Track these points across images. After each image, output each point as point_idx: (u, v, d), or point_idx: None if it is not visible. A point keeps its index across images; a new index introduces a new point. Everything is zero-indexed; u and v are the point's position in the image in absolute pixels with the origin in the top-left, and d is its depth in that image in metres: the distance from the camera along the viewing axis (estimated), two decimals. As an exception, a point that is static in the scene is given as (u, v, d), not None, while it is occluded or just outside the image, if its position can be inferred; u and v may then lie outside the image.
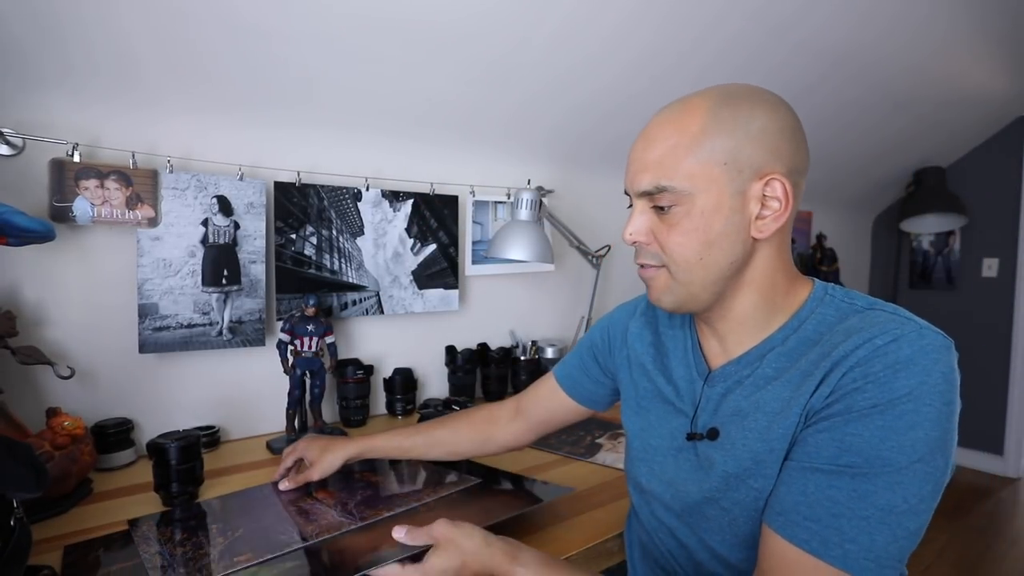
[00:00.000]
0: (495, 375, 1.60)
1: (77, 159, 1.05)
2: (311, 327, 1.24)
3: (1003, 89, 2.49)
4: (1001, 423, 2.99)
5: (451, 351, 1.57)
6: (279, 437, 1.23)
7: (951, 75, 2.16)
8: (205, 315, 1.19)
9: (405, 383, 1.44)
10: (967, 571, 2.13)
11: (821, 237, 3.03)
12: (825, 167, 2.56)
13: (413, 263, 1.50)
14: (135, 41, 1.02)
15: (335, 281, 1.37)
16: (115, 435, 1.07)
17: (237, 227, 1.22)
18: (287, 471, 0.93)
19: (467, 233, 1.62)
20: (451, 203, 1.55)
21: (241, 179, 1.22)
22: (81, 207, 1.05)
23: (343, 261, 1.38)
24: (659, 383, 0.70)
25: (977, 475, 3.01)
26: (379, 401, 1.48)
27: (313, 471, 0.90)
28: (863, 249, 3.52)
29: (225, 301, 1.21)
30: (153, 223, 1.13)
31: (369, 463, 1.00)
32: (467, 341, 1.64)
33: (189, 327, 1.17)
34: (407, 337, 1.54)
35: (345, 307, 1.39)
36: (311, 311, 1.25)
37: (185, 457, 0.90)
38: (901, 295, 3.37)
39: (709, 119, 0.56)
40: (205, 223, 1.18)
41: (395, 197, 1.45)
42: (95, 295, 1.11)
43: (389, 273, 1.46)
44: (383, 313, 1.45)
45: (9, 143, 1.01)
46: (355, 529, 0.77)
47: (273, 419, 1.28)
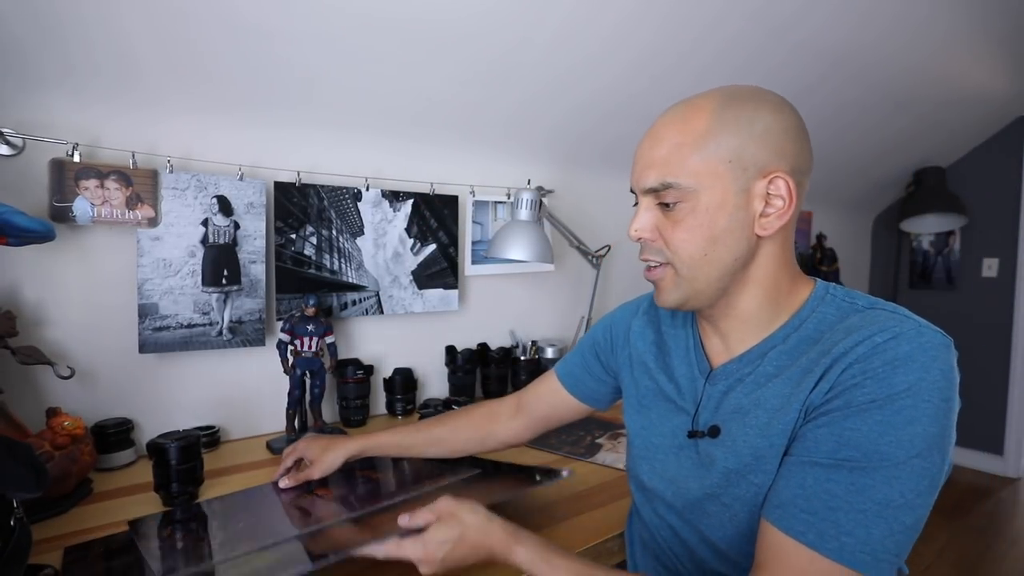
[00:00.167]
0: (495, 375, 1.60)
1: (77, 159, 1.05)
2: (311, 327, 1.24)
3: (1003, 89, 2.49)
4: (1001, 423, 2.99)
5: (451, 351, 1.57)
6: (279, 437, 1.23)
7: (951, 75, 2.16)
8: (205, 315, 1.19)
9: (405, 383, 1.44)
10: (967, 571, 2.13)
11: (821, 237, 3.03)
12: (825, 167, 2.56)
13: (413, 263, 1.50)
14: (135, 41, 1.02)
15: (335, 281, 1.37)
16: (115, 435, 1.07)
17: (237, 227, 1.22)
18: (287, 471, 0.93)
19: (467, 233, 1.62)
20: (451, 203, 1.55)
21: (241, 179, 1.22)
22: (81, 207, 1.05)
23: (343, 261, 1.38)
24: (661, 381, 0.71)
25: (977, 475, 3.01)
26: (379, 401, 1.48)
27: (314, 469, 0.90)
28: (863, 249, 3.52)
29: (225, 301, 1.21)
30: (153, 223, 1.13)
31: (369, 461, 1.00)
32: (467, 341, 1.64)
33: (189, 327, 1.17)
34: (407, 337, 1.54)
35: (345, 307, 1.39)
36: (311, 311, 1.25)
37: (185, 457, 0.90)
38: (901, 295, 3.37)
39: (714, 118, 0.57)
40: (205, 223, 1.18)
41: (395, 197, 1.45)
42: (95, 295, 1.11)
43: (389, 273, 1.46)
44: (383, 313, 1.45)
45: (9, 143, 1.01)
46: (355, 516, 0.78)
47: (273, 419, 1.28)
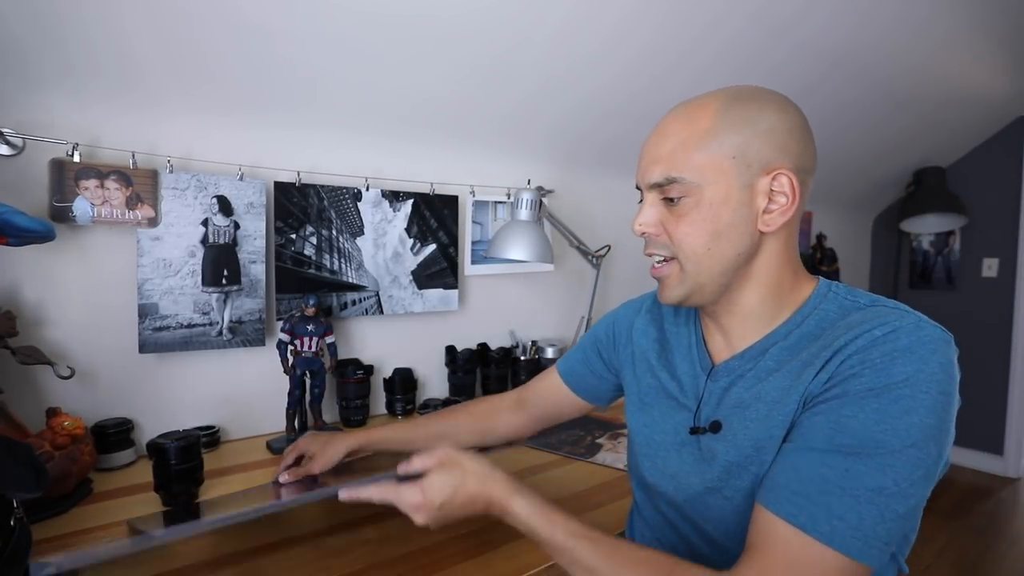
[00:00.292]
0: (495, 375, 1.60)
1: (77, 159, 1.05)
2: (311, 327, 1.24)
3: (1003, 89, 2.49)
4: (1001, 423, 2.99)
5: (451, 351, 1.57)
6: (279, 437, 1.23)
7: (951, 75, 2.16)
8: (205, 315, 1.19)
9: (405, 383, 1.44)
10: (967, 571, 2.13)
11: (821, 237, 3.03)
12: (825, 167, 2.55)
13: (413, 263, 1.50)
14: (136, 41, 1.02)
15: (335, 281, 1.37)
16: (115, 435, 1.07)
17: (237, 227, 1.22)
18: (288, 468, 0.93)
19: (467, 233, 1.62)
20: (451, 203, 1.55)
21: (241, 179, 1.22)
22: (81, 207, 1.05)
23: (343, 261, 1.38)
24: (663, 379, 0.71)
25: (977, 475, 3.01)
26: (379, 401, 1.48)
27: (314, 464, 0.90)
28: (863, 249, 3.52)
29: (225, 301, 1.21)
30: (153, 223, 1.13)
31: (369, 458, 1.00)
32: (467, 341, 1.64)
33: (189, 327, 1.17)
34: (407, 337, 1.54)
35: (345, 307, 1.39)
36: (311, 311, 1.25)
37: (185, 457, 0.90)
38: (901, 295, 3.37)
39: (719, 116, 0.58)
40: (205, 223, 1.18)
41: (395, 197, 1.45)
42: (95, 295, 1.11)
43: (389, 273, 1.46)
44: (383, 313, 1.45)
45: (9, 143, 1.01)
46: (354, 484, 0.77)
47: (273, 419, 1.29)
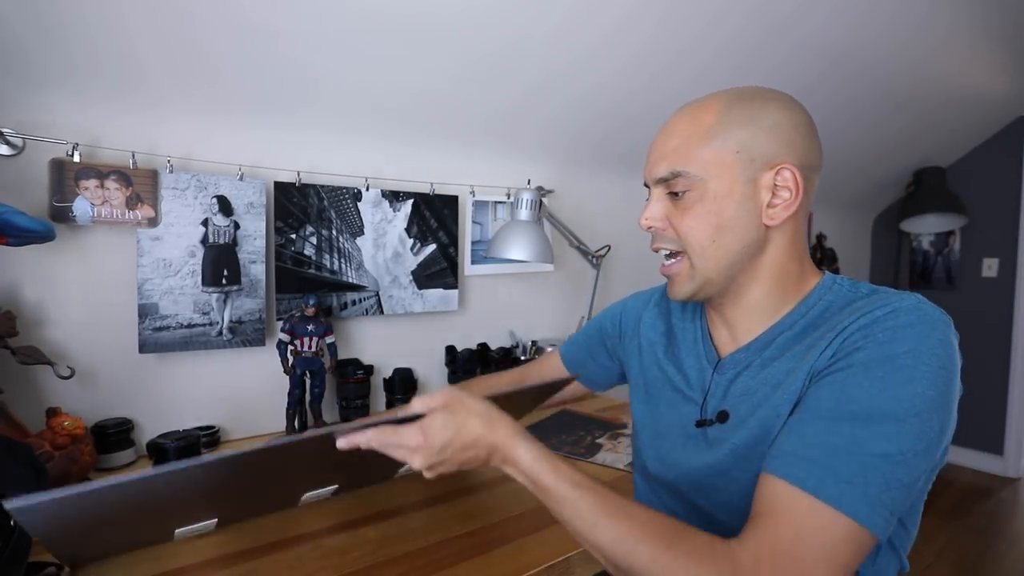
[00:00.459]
0: (495, 375, 1.60)
1: (77, 159, 1.05)
2: (311, 327, 1.24)
3: (1003, 89, 2.49)
4: (1001, 423, 2.99)
5: (451, 351, 1.57)
6: (279, 437, 1.23)
7: (951, 74, 2.16)
8: (205, 315, 1.19)
9: (405, 383, 1.44)
10: (967, 571, 2.13)
11: (821, 237, 3.03)
12: (825, 167, 2.53)
13: (413, 263, 1.50)
14: (137, 41, 1.02)
15: (335, 281, 1.37)
16: (115, 435, 1.07)
17: (237, 227, 1.22)
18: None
19: (467, 233, 1.62)
20: (451, 203, 1.55)
21: (241, 179, 1.22)
22: (81, 207, 1.05)
23: (343, 261, 1.38)
24: (669, 372, 0.72)
25: (977, 475, 3.01)
26: (379, 401, 1.48)
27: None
28: (863, 249, 3.52)
29: (225, 301, 1.21)
30: (153, 223, 1.13)
31: None
32: (467, 341, 1.64)
33: (189, 327, 1.17)
34: (407, 337, 1.54)
35: (345, 307, 1.39)
36: (311, 311, 1.25)
37: (185, 457, 0.90)
38: (901, 295, 3.37)
39: (724, 113, 0.60)
40: (205, 223, 1.18)
41: (395, 197, 1.45)
42: (95, 295, 1.11)
43: (389, 273, 1.46)
44: (383, 313, 1.45)
45: (9, 143, 1.01)
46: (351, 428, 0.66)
47: (273, 419, 1.28)
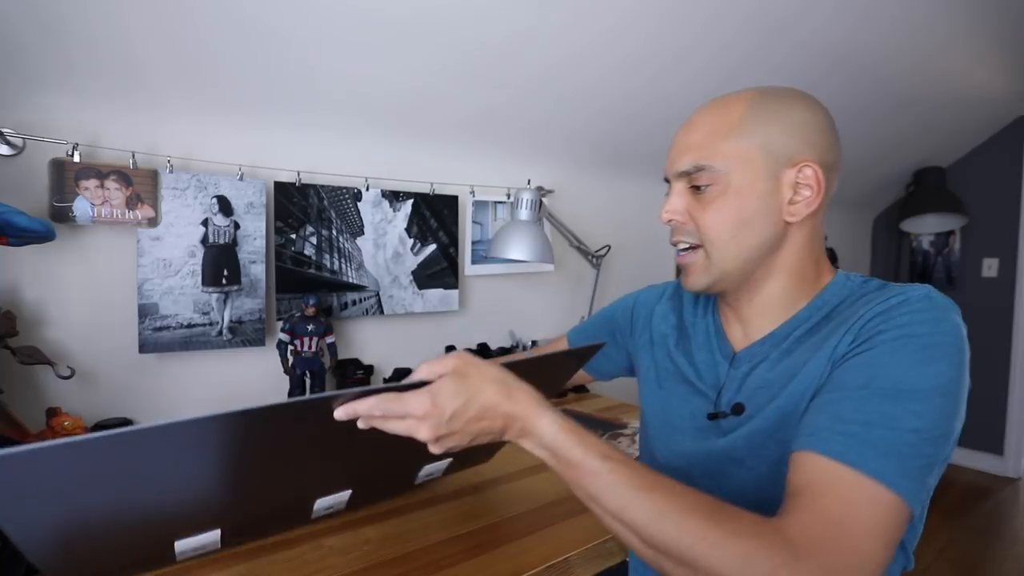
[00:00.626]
0: (495, 375, 1.60)
1: (77, 159, 1.05)
2: (311, 327, 1.24)
3: (1003, 89, 2.48)
4: (1001, 423, 2.99)
5: (451, 351, 1.57)
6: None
7: (951, 75, 2.16)
8: (205, 315, 1.19)
9: (405, 383, 1.44)
10: (967, 571, 2.13)
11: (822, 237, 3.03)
12: (825, 167, 2.56)
13: (413, 263, 1.50)
14: (137, 42, 1.02)
15: (335, 281, 1.37)
16: (115, 435, 1.07)
17: (237, 227, 1.22)
18: None
19: (467, 233, 1.62)
20: (451, 203, 1.55)
21: (241, 179, 1.22)
22: (81, 207, 1.05)
23: (343, 261, 1.38)
24: (680, 364, 0.72)
25: (977, 475, 3.01)
26: (379, 401, 1.48)
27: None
28: (863, 249, 3.52)
29: (225, 301, 1.21)
30: (153, 223, 1.13)
31: None
32: (467, 341, 1.64)
33: (189, 327, 1.17)
34: (407, 337, 1.54)
35: (345, 307, 1.39)
36: (311, 311, 1.25)
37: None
38: (901, 295, 3.37)
39: (749, 109, 0.60)
40: (205, 223, 1.18)
41: (395, 197, 1.45)
42: (95, 295, 1.11)
43: (389, 273, 1.46)
44: (383, 313, 1.45)
45: (9, 143, 1.01)
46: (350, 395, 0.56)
47: (273, 419, 1.28)
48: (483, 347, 1.64)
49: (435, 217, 1.53)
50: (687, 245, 0.64)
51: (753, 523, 0.46)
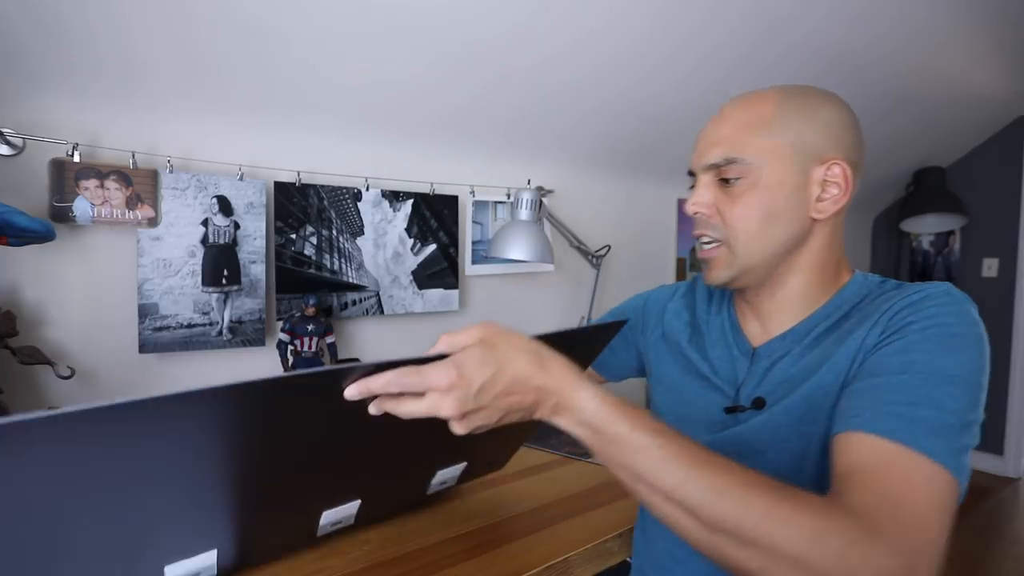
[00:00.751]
0: (495, 375, 1.60)
1: (77, 159, 1.05)
2: (311, 327, 1.24)
3: (1003, 89, 2.49)
4: (1001, 423, 2.99)
5: (451, 351, 1.57)
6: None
7: (951, 75, 2.16)
8: (205, 315, 1.19)
9: (405, 383, 1.44)
10: (967, 571, 2.13)
11: (821, 237, 3.03)
12: (825, 167, 2.56)
13: (413, 263, 1.50)
14: (137, 42, 1.02)
15: (335, 281, 1.37)
16: (115, 435, 1.07)
17: (237, 227, 1.22)
18: None
19: (467, 233, 1.62)
20: (451, 203, 1.55)
21: (241, 179, 1.22)
22: (81, 207, 1.05)
23: (343, 261, 1.38)
24: (694, 359, 0.72)
25: (977, 475, 3.01)
26: (379, 401, 1.48)
27: None
28: (863, 249, 3.52)
29: (225, 301, 1.21)
30: (153, 223, 1.13)
31: None
32: (467, 341, 1.64)
33: (189, 327, 1.17)
34: (407, 337, 1.54)
35: (345, 307, 1.39)
36: (311, 311, 1.25)
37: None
38: (901, 295, 3.37)
39: (780, 105, 0.61)
40: (205, 223, 1.18)
41: (395, 197, 1.45)
42: (95, 295, 1.11)
43: (389, 273, 1.46)
44: (383, 313, 1.45)
45: (9, 143, 1.01)
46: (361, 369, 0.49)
47: (273, 419, 1.28)
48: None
49: (435, 217, 1.53)
50: (710, 240, 0.65)
51: (817, 500, 0.43)
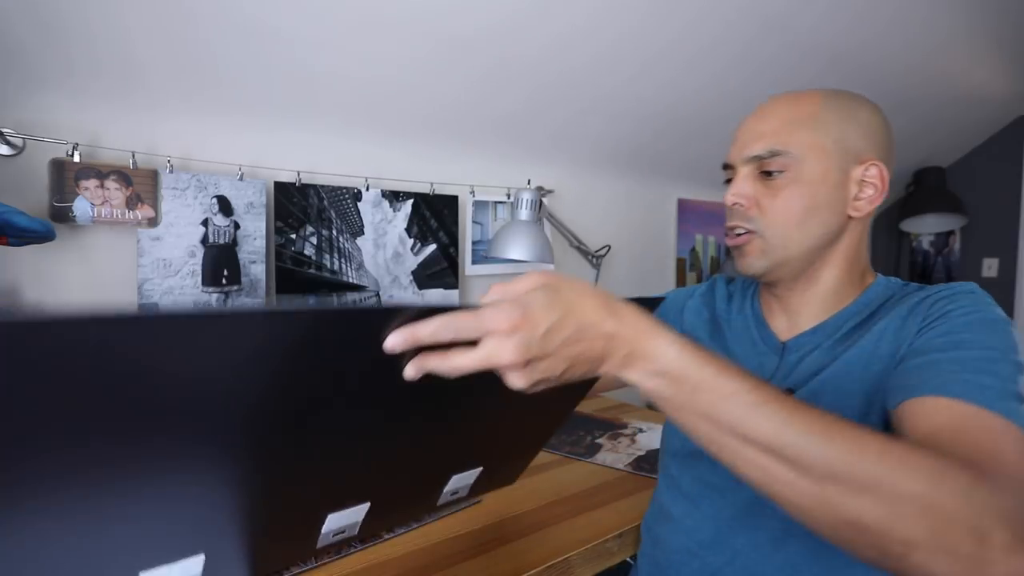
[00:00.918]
0: (495, 375, 1.60)
1: (77, 159, 1.05)
2: (311, 327, 1.24)
3: (1003, 89, 2.49)
4: (1001, 423, 2.99)
5: (451, 351, 1.57)
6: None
7: (951, 75, 2.16)
8: (205, 315, 1.19)
9: (405, 383, 1.44)
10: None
11: (821, 237, 3.03)
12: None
13: (413, 263, 1.50)
14: (137, 41, 1.02)
15: (335, 281, 1.37)
16: (115, 435, 1.07)
17: (237, 227, 1.22)
18: None
19: (467, 233, 1.62)
20: (451, 203, 1.55)
21: (241, 179, 1.22)
22: (81, 207, 1.05)
23: (343, 261, 1.38)
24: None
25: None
26: (379, 401, 1.48)
27: None
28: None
29: (225, 301, 1.21)
30: (153, 223, 1.13)
31: None
32: (467, 341, 1.64)
33: (189, 327, 1.17)
34: (407, 337, 1.53)
35: (345, 307, 1.39)
36: (311, 311, 1.25)
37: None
38: (901, 295, 3.37)
39: (823, 104, 0.63)
40: (205, 223, 1.18)
41: (395, 197, 1.45)
42: (95, 295, 1.11)
43: (389, 273, 1.46)
44: (383, 313, 1.45)
45: (9, 143, 1.01)
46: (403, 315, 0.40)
47: (273, 419, 1.28)
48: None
49: (435, 217, 1.53)
50: (744, 231, 0.65)
51: (922, 446, 0.40)
